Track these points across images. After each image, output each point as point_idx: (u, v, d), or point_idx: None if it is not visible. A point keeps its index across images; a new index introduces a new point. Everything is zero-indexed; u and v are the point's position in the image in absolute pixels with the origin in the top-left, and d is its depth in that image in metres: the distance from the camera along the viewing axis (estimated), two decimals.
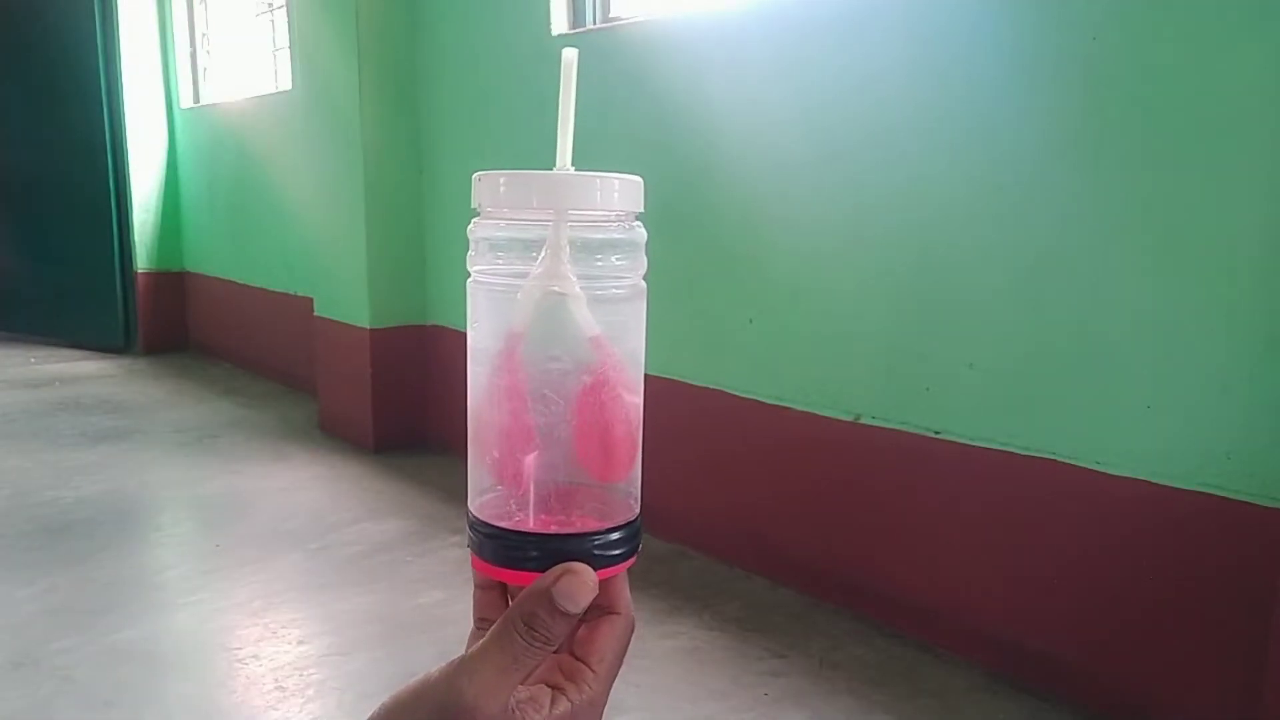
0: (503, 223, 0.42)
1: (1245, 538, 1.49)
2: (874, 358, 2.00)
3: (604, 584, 0.45)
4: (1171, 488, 1.56)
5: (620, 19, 2.61)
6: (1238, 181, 1.46)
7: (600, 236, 0.41)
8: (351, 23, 3.15)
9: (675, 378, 2.41)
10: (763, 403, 2.22)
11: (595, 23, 2.68)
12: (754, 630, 2.00)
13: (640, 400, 0.44)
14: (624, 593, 0.47)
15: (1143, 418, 1.59)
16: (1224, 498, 1.50)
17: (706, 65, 2.27)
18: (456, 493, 2.86)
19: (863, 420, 2.02)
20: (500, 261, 0.42)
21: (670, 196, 2.39)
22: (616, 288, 0.42)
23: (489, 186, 0.41)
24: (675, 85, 2.34)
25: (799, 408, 2.14)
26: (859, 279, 2.01)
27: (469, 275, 0.44)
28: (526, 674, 0.41)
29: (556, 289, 0.40)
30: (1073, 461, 1.68)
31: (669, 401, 2.41)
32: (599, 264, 0.41)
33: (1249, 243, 1.46)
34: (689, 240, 2.35)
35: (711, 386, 2.35)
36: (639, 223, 0.44)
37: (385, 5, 3.20)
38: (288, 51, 4.04)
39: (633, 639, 0.49)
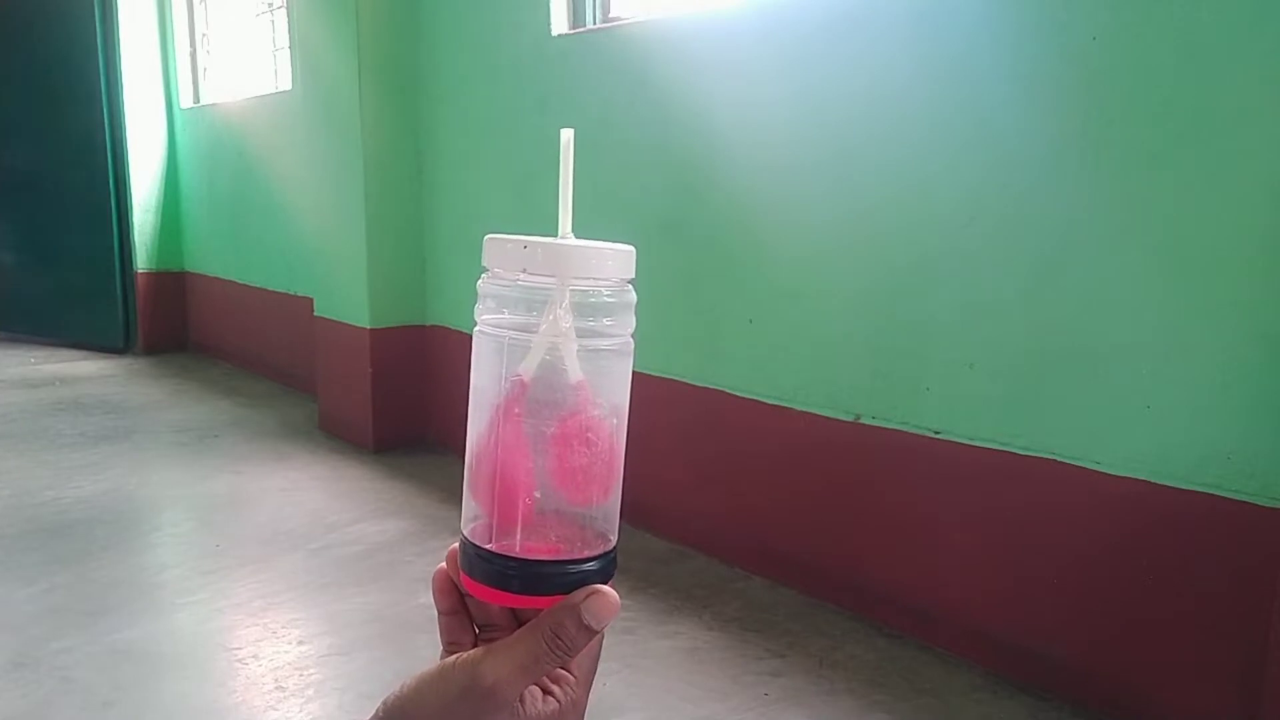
0: (509, 282, 0.46)
1: (1245, 538, 1.49)
2: (874, 358, 2.00)
3: None
4: (1171, 488, 1.56)
5: (620, 19, 2.61)
6: (1238, 182, 1.46)
7: (594, 300, 0.47)
8: (351, 23, 3.15)
9: (675, 378, 2.41)
10: (763, 403, 2.22)
11: (595, 23, 2.68)
12: (754, 630, 2.00)
13: (620, 440, 0.49)
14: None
15: (1143, 417, 1.59)
16: (1224, 498, 1.50)
17: (707, 65, 2.27)
18: (456, 492, 2.85)
19: (863, 420, 2.02)
20: (506, 315, 0.47)
21: (670, 196, 2.39)
22: (607, 345, 0.47)
23: (499, 250, 0.46)
24: (675, 85, 2.34)
25: (799, 408, 2.15)
26: (859, 279, 2.01)
27: (475, 325, 0.48)
28: (541, 675, 0.45)
29: (557, 341, 0.46)
30: (1072, 461, 1.68)
31: (669, 401, 2.42)
32: (591, 324, 0.47)
33: (1249, 243, 1.46)
34: (689, 240, 2.35)
35: (711, 386, 2.35)
36: (630, 286, 0.49)
37: (385, 5, 3.20)
38: (288, 51, 4.04)
39: (633, 639, 0.51)
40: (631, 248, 0.48)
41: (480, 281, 0.48)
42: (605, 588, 0.46)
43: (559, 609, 0.45)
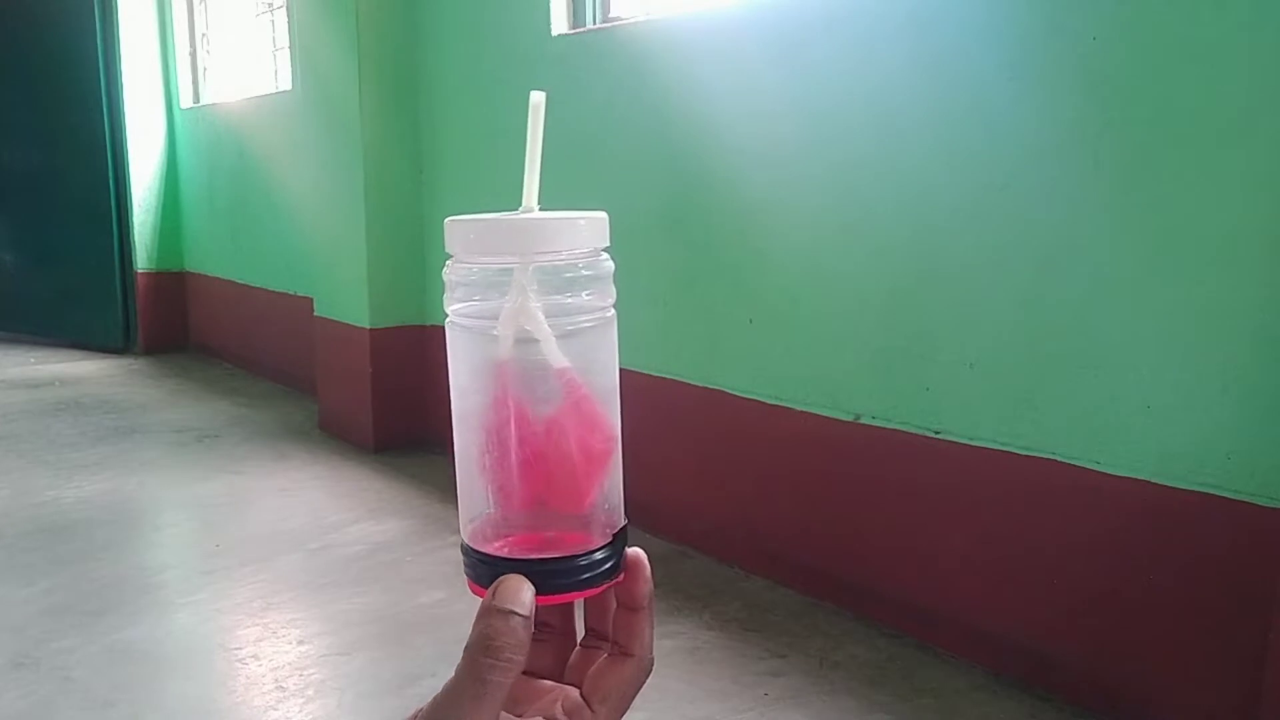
0: (474, 266, 0.44)
1: (1245, 538, 1.49)
2: (874, 357, 2.00)
3: (620, 623, 0.46)
4: (1171, 487, 1.56)
5: (620, 19, 2.61)
6: (1238, 181, 1.46)
7: (568, 275, 0.43)
8: (351, 23, 3.15)
9: (675, 378, 2.41)
10: (762, 403, 2.22)
11: (595, 23, 2.68)
12: (754, 630, 2.00)
13: (611, 427, 0.45)
14: (642, 634, 0.46)
15: (1143, 417, 1.59)
16: (1224, 498, 1.50)
17: (706, 65, 2.27)
18: (456, 492, 2.86)
19: (862, 420, 2.02)
20: (475, 302, 0.44)
21: (670, 196, 2.39)
22: (586, 321, 0.44)
23: (459, 232, 0.43)
24: (675, 85, 2.34)
25: (799, 408, 2.14)
26: (859, 279, 2.01)
27: (445, 316, 0.45)
28: (502, 696, 0.39)
29: (525, 327, 0.42)
30: (1072, 461, 1.68)
31: (669, 401, 2.41)
32: (569, 301, 0.43)
33: (1249, 243, 1.46)
34: (689, 240, 2.35)
35: (711, 386, 2.34)
36: (605, 254, 0.45)
37: (385, 5, 3.20)
38: (288, 51, 4.04)
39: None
40: (603, 213, 0.45)
41: (445, 269, 0.45)
42: (508, 575, 0.41)
43: (479, 618, 0.40)
